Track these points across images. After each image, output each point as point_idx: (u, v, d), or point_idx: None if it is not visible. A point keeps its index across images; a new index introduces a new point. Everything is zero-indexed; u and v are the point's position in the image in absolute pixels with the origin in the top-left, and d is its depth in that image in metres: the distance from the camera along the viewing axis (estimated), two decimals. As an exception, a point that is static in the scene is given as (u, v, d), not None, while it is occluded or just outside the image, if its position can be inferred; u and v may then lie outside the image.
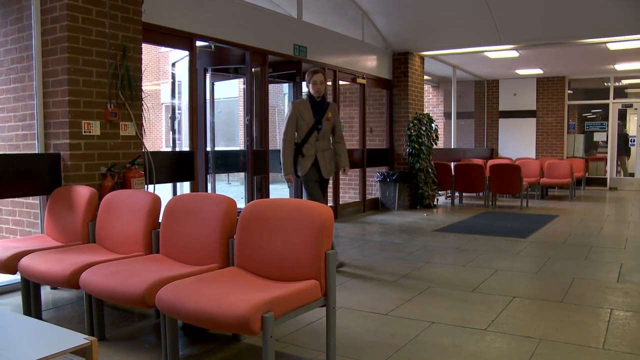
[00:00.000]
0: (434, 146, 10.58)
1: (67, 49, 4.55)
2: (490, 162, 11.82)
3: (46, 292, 4.46)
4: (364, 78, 9.49)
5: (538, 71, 13.61)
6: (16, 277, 4.11)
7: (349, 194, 10.08)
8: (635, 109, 13.96)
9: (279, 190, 12.72)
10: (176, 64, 8.15)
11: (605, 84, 14.12)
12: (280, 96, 18.32)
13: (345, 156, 5.69)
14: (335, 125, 5.63)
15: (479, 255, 6.02)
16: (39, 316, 3.85)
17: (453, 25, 9.28)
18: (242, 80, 7.30)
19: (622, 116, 14.25)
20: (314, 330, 3.59)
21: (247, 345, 3.40)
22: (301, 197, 8.44)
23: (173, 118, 6.44)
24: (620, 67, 12.68)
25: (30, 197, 4.85)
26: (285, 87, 15.24)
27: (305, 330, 3.60)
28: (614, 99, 14.00)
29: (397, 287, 4.75)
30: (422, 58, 10.78)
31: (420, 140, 10.05)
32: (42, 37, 4.70)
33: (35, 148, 4.79)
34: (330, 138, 5.66)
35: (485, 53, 10.76)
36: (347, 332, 3.59)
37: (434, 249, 6.43)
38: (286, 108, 18.31)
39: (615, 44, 9.71)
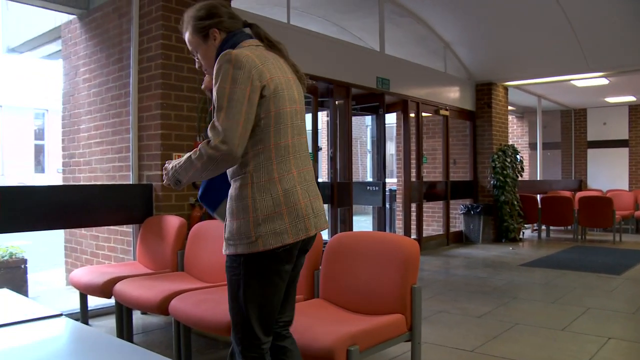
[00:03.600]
0: (519, 178, 10.31)
1: (160, 85, 4.79)
2: (579, 194, 11.36)
3: (137, 317, 4.62)
4: (446, 109, 9.42)
5: (630, 98, 13.02)
6: (110, 301, 4.30)
7: (432, 227, 9.95)
8: None
9: (362, 222, 12.72)
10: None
11: None
12: (363, 128, 18.41)
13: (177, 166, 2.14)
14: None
15: (569, 292, 5.77)
16: (130, 339, 3.99)
17: (537, 54, 9.08)
18: (325, 112, 7.39)
19: None
20: (398, 365, 3.54)
21: (330, 378, 3.39)
22: (384, 229, 8.41)
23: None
24: None
25: (124, 226, 5.08)
26: (368, 119, 15.29)
27: (389, 365, 3.56)
28: None
29: (482, 322, 4.62)
30: (505, 88, 10.59)
31: (505, 172, 9.82)
32: (138, 75, 4.99)
33: (130, 179, 5.04)
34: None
35: (572, 81, 10.41)
36: (432, 368, 3.52)
37: (521, 284, 6.22)
38: (369, 140, 18.24)
39: None
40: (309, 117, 7.13)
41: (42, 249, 6.70)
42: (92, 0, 5.66)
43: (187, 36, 2.30)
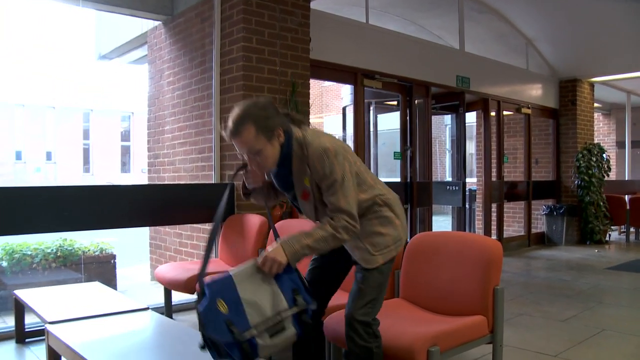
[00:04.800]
0: (606, 178, 9.88)
1: (242, 86, 4.90)
2: (672, 195, 10.76)
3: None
4: (528, 108, 9.16)
5: None
6: (193, 297, 4.43)
7: (513, 227, 9.69)
8: None
9: (441, 222, 12.54)
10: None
11: None
12: (442, 127, 18.11)
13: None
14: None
15: (662, 298, 5.49)
16: (213, 335, 4.10)
17: (627, 47, 8.65)
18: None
19: None
20: (478, 368, 3.48)
21: (409, 378, 3.37)
22: (464, 229, 8.27)
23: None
24: None
25: (207, 224, 5.24)
26: (447, 118, 15.01)
27: (469, 367, 3.50)
28: None
29: (566, 327, 4.46)
30: (591, 85, 10.17)
31: (590, 171, 9.44)
32: (220, 77, 5.12)
33: (212, 178, 5.18)
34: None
35: (666, 76, 9.88)
36: (514, 372, 3.44)
37: (607, 289, 5.96)
38: (448, 139, 17.86)
39: None
40: (397, 115, 7.13)
41: (129, 245, 6.99)
42: (176, 7, 5.86)
43: (246, 136, 2.26)
